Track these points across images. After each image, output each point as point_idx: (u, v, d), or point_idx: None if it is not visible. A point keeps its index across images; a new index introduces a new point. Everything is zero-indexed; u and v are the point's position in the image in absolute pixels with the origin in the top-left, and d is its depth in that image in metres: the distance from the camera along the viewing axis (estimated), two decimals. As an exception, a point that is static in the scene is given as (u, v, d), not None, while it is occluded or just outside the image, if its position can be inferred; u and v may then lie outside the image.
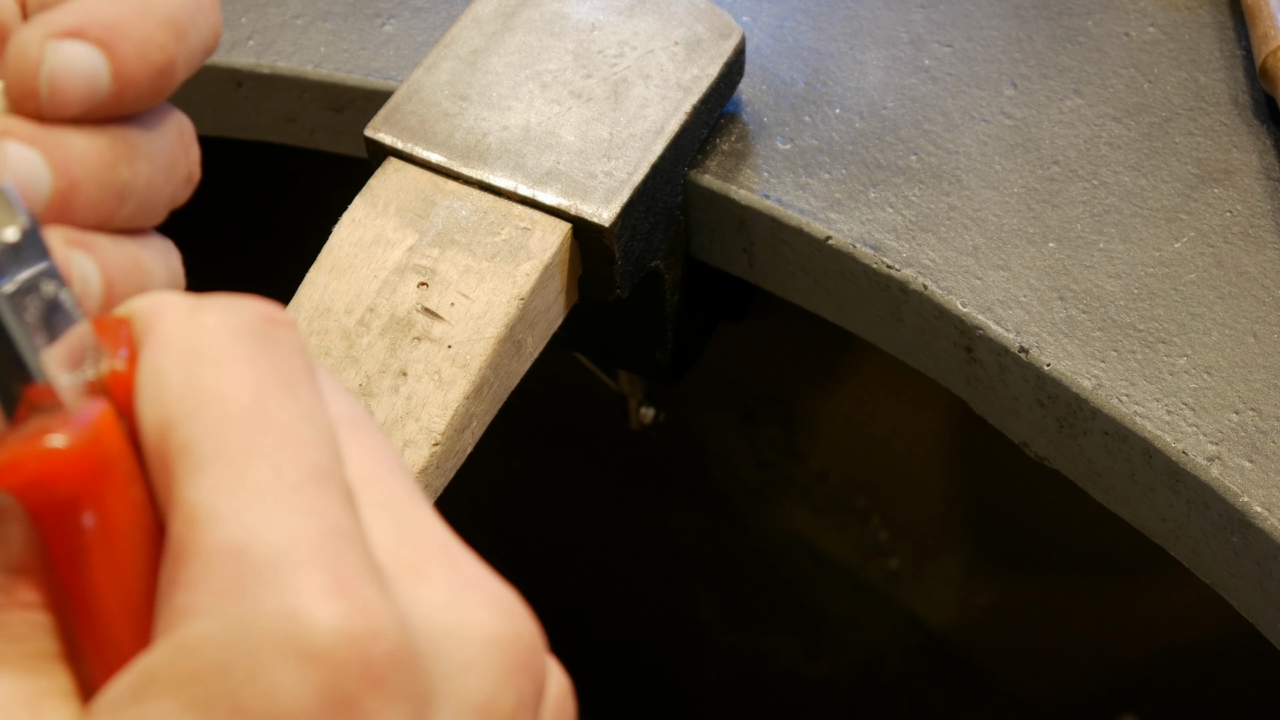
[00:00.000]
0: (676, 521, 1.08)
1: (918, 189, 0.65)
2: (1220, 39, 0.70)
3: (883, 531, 1.02)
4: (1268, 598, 0.57)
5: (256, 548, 0.27)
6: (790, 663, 1.07)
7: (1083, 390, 0.59)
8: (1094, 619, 0.98)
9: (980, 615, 1.02)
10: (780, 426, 1.02)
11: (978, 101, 0.68)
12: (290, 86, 0.71)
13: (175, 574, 0.28)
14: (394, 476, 0.31)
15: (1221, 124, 0.67)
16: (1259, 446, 0.57)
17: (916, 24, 0.71)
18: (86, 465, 0.30)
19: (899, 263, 0.63)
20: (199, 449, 0.29)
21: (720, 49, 0.65)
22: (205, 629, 0.27)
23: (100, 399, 0.30)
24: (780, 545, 1.05)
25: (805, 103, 0.68)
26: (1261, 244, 0.62)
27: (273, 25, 0.72)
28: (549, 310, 0.61)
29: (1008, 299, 0.62)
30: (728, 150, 0.67)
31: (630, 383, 0.90)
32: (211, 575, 0.27)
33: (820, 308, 0.68)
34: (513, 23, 0.66)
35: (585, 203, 0.60)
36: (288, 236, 0.71)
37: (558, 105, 0.63)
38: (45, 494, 0.30)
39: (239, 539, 0.27)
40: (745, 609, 1.08)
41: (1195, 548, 0.59)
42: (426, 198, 0.61)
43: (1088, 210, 0.64)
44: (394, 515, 0.30)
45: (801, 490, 1.03)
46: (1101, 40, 0.70)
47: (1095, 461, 0.61)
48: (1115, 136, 0.66)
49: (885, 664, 1.05)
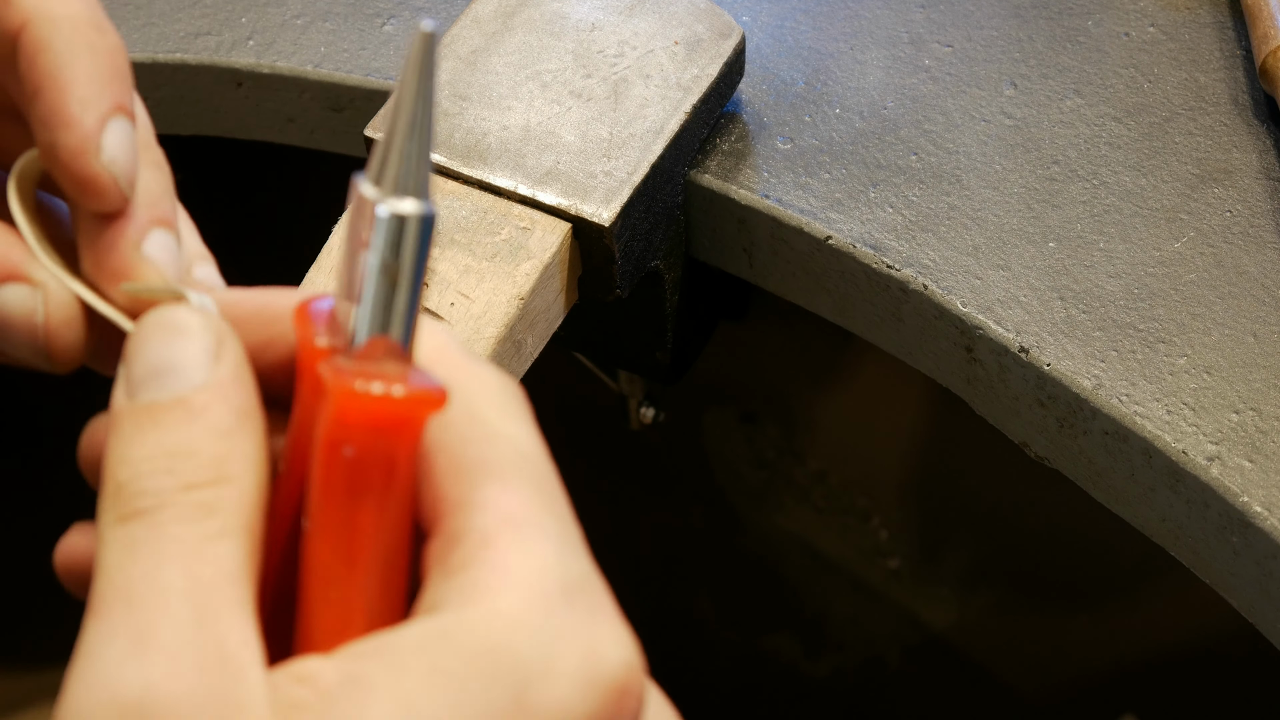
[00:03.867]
0: (676, 521, 1.08)
1: (918, 189, 0.65)
2: (1220, 39, 0.70)
3: (883, 531, 1.03)
4: (1268, 598, 0.57)
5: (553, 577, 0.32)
6: (790, 663, 1.07)
7: (1083, 390, 0.59)
8: (1094, 619, 0.98)
9: (980, 615, 1.02)
10: (780, 426, 1.02)
11: (978, 101, 0.68)
12: (290, 86, 0.71)
13: (461, 558, 0.32)
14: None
15: (1221, 124, 0.67)
16: (1259, 446, 0.57)
17: (916, 24, 0.71)
18: (417, 422, 0.32)
19: (899, 262, 0.63)
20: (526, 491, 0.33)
21: (720, 49, 0.65)
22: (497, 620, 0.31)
23: (434, 378, 0.33)
24: (780, 545, 1.05)
25: (805, 103, 0.68)
26: (1261, 244, 0.62)
27: (273, 25, 0.72)
28: (549, 310, 0.61)
29: (1008, 299, 0.62)
30: (728, 150, 0.67)
31: (630, 383, 0.90)
32: (513, 584, 0.31)
33: (820, 308, 0.68)
34: (513, 23, 0.66)
35: (585, 202, 0.60)
36: (288, 236, 0.71)
37: (558, 105, 0.63)
38: (400, 436, 0.32)
39: (541, 564, 0.32)
40: (745, 609, 1.08)
41: (1195, 548, 0.59)
42: (426, 198, 0.61)
43: (1088, 210, 0.64)
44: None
45: (801, 490, 1.03)
46: (1101, 40, 0.70)
47: (1095, 461, 0.61)
48: (1115, 136, 0.66)
49: (885, 664, 1.05)
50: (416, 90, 0.31)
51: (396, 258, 0.32)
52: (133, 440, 0.32)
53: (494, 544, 0.32)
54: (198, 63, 0.71)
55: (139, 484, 0.31)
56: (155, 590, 0.30)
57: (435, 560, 0.32)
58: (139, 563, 0.30)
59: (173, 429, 0.32)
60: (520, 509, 0.32)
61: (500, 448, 0.33)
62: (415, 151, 0.31)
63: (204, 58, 0.71)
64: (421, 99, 0.31)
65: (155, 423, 0.32)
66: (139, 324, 0.34)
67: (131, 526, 0.31)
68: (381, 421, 0.32)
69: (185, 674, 0.29)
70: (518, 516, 0.32)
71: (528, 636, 0.31)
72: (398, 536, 0.33)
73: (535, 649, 0.30)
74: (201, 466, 0.32)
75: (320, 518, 0.32)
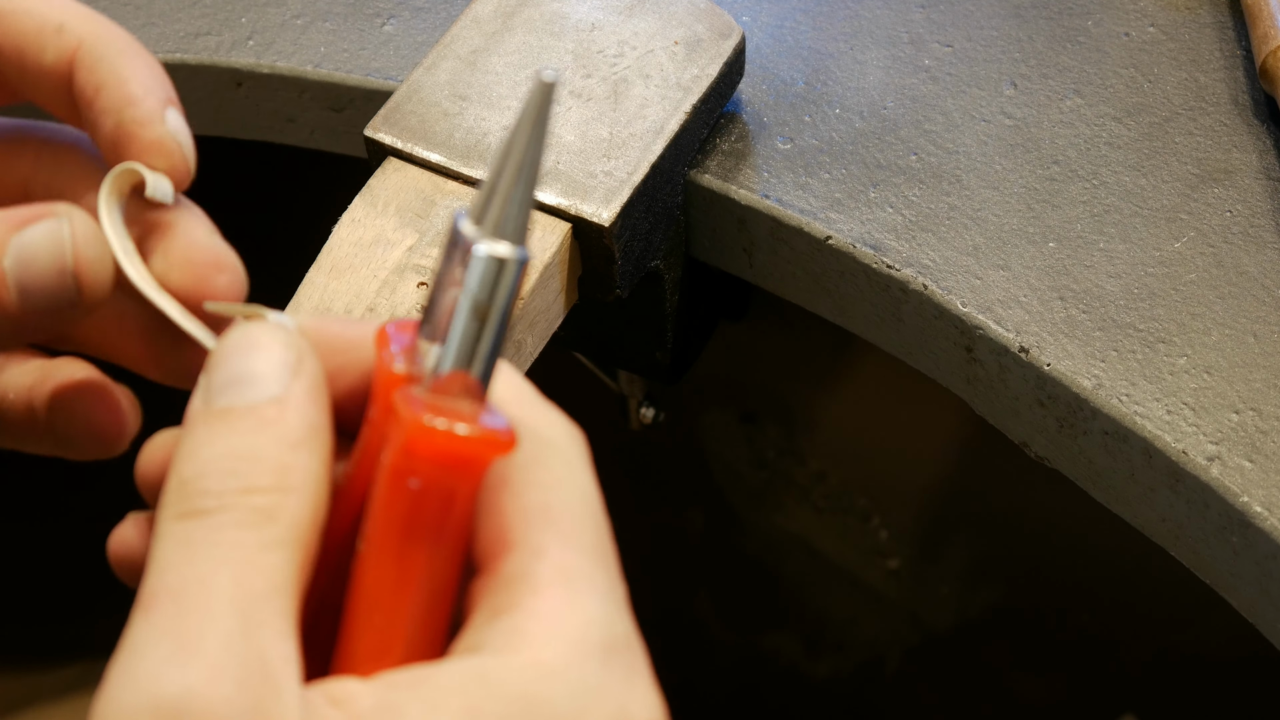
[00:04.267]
0: (676, 521, 1.08)
1: (918, 189, 0.65)
2: (1220, 39, 0.70)
3: (883, 531, 1.03)
4: (1268, 598, 0.57)
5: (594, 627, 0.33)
6: (790, 663, 1.07)
7: (1083, 390, 0.59)
8: (1094, 619, 0.98)
9: (980, 615, 1.02)
10: (780, 426, 1.02)
11: (978, 101, 0.68)
12: (290, 86, 0.71)
13: (509, 601, 0.32)
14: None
15: (1221, 124, 0.67)
16: (1259, 446, 0.57)
17: (916, 24, 0.71)
18: (485, 463, 0.33)
19: (899, 262, 0.63)
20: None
21: (720, 49, 0.65)
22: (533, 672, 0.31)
23: (505, 420, 0.33)
24: (780, 545, 1.05)
25: (805, 103, 0.68)
26: (1261, 244, 0.62)
27: (273, 25, 0.72)
28: (549, 310, 0.61)
29: (1008, 299, 0.62)
30: (728, 150, 0.67)
31: (630, 383, 0.90)
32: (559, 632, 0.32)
33: (820, 308, 0.68)
34: (513, 22, 0.66)
35: (585, 202, 0.60)
36: (287, 236, 0.71)
37: (558, 105, 0.63)
38: (465, 474, 0.33)
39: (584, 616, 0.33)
40: (745, 609, 1.08)
41: (1195, 548, 0.59)
42: (426, 197, 0.61)
43: (1088, 210, 0.64)
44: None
45: (801, 490, 1.03)
46: (1101, 40, 0.70)
47: (1095, 461, 0.61)
48: (1115, 136, 0.66)
49: (885, 664, 1.05)
50: (530, 136, 0.32)
51: (488, 298, 0.32)
52: (202, 441, 0.33)
53: (544, 593, 0.32)
54: (198, 63, 0.71)
55: (202, 483, 0.32)
56: (205, 595, 0.31)
57: (482, 598, 0.33)
58: (193, 564, 0.31)
59: (243, 434, 0.33)
60: (574, 561, 0.33)
61: (563, 496, 0.34)
62: (519, 197, 0.32)
63: (204, 58, 0.71)
64: (533, 146, 0.32)
65: (227, 426, 0.33)
66: (223, 338, 0.35)
67: (189, 525, 0.32)
68: (449, 459, 0.32)
69: (225, 684, 0.30)
70: (571, 569, 0.33)
71: (564, 689, 0.31)
72: (449, 569, 0.33)
73: (570, 702, 0.31)
74: (265, 473, 0.32)
75: (376, 544, 0.33)
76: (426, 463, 0.32)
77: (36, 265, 0.36)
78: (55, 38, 0.39)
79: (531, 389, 0.36)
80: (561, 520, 0.34)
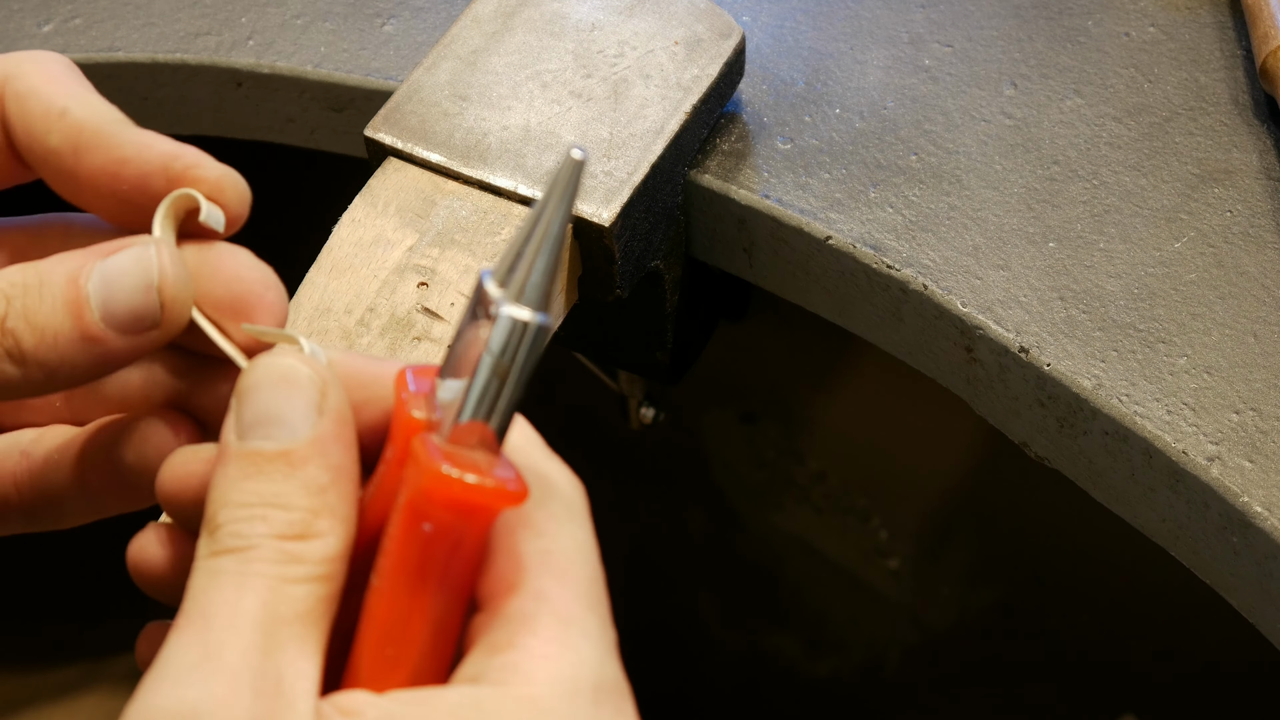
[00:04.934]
0: (677, 521, 1.08)
1: (918, 189, 0.65)
2: (1220, 39, 0.70)
3: (883, 531, 1.03)
4: (1268, 598, 0.57)
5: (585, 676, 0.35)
6: (790, 663, 1.07)
7: (1083, 390, 0.59)
8: (1094, 619, 0.98)
9: (980, 615, 1.02)
10: (780, 426, 1.02)
11: (978, 101, 0.68)
12: (290, 86, 0.71)
13: (507, 638, 0.35)
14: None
15: (1221, 124, 0.67)
16: (1259, 446, 0.57)
17: (916, 24, 0.71)
18: (495, 512, 0.35)
19: (899, 263, 0.63)
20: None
21: (720, 49, 0.65)
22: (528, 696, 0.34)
23: (516, 472, 0.36)
24: (780, 545, 1.05)
25: (805, 103, 0.68)
26: (1261, 244, 0.62)
27: (273, 25, 0.72)
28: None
29: (1008, 299, 0.62)
30: (728, 150, 0.67)
31: (630, 383, 0.90)
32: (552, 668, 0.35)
33: (820, 308, 0.68)
34: (513, 23, 0.66)
35: (585, 203, 0.60)
36: (288, 236, 0.71)
37: (558, 105, 0.63)
38: (476, 521, 0.35)
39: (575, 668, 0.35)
40: (745, 609, 1.08)
41: (1195, 548, 0.59)
42: (426, 197, 0.61)
43: (1088, 210, 0.64)
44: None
45: (801, 490, 1.03)
46: (1101, 40, 0.70)
47: (1095, 461, 0.61)
48: (1115, 136, 0.66)
49: (885, 664, 1.05)
50: (557, 210, 0.34)
51: (510, 358, 0.34)
52: (235, 484, 0.35)
53: (540, 633, 0.35)
54: (198, 63, 0.71)
55: (234, 527, 0.35)
56: (231, 615, 0.34)
57: (483, 633, 0.36)
58: (222, 590, 0.34)
59: (272, 479, 0.35)
60: (570, 606, 0.36)
61: (563, 544, 0.36)
62: (544, 266, 0.34)
63: (204, 58, 0.71)
64: (560, 218, 0.34)
65: (258, 470, 0.35)
66: (253, 363, 0.37)
67: (222, 560, 0.35)
68: (464, 506, 0.34)
69: (240, 694, 0.32)
70: (567, 613, 0.35)
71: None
72: (455, 605, 0.36)
73: None
74: (293, 522, 0.35)
75: (389, 579, 0.35)
76: (441, 509, 0.34)
77: (123, 284, 0.38)
78: (59, 121, 0.40)
79: (540, 442, 0.38)
80: (561, 567, 0.36)
